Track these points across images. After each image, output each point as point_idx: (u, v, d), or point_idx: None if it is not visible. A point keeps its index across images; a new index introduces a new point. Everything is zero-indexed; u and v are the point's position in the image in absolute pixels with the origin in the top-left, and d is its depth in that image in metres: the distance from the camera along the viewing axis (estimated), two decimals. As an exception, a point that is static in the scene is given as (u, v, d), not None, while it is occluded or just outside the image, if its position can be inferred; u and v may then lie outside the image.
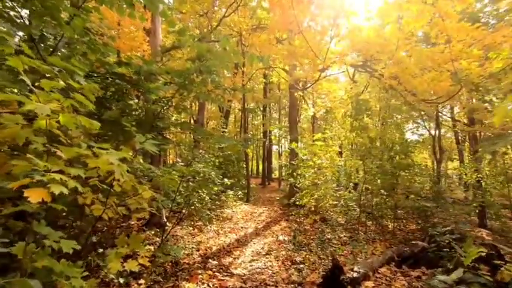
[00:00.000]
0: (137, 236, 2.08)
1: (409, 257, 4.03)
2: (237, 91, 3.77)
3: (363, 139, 6.10)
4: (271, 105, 23.08)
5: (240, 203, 9.83)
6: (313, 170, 6.82)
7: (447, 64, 5.61)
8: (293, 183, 7.75)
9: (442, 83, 5.98)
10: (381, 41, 6.54)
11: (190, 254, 4.43)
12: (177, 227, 5.99)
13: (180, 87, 3.58)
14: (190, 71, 3.41)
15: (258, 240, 5.71)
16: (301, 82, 10.24)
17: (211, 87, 3.84)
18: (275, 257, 4.57)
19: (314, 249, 5.05)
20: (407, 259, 4.05)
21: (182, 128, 3.83)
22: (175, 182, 3.43)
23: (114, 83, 3.17)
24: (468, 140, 14.99)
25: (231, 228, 6.55)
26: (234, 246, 5.17)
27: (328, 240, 5.67)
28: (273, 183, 21.50)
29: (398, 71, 6.42)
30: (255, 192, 13.85)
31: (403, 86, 7.20)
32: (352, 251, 5.14)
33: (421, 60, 5.58)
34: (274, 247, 5.18)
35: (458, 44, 5.08)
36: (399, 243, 5.97)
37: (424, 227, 6.92)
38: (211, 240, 5.38)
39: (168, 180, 2.90)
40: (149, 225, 6.12)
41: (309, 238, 5.92)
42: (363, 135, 6.15)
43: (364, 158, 6.20)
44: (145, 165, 3.05)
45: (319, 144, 7.99)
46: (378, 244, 5.68)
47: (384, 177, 6.00)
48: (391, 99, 10.46)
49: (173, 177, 2.45)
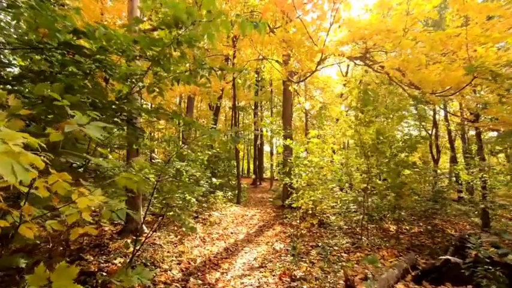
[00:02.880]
0: (68, 269, 1.33)
1: (430, 271, 3.42)
2: (225, 71, 3.04)
3: (370, 134, 5.46)
4: (263, 104, 22.45)
5: (230, 205, 9.10)
6: (310, 168, 6.16)
7: (461, 50, 5.06)
8: (288, 183, 7.08)
9: (453, 73, 5.43)
10: (385, 26, 5.95)
11: (169, 269, 3.69)
12: (156, 234, 5.22)
13: (153, 63, 2.83)
14: (166, 42, 2.68)
15: (250, 248, 5.01)
16: (296, 76, 9.60)
17: (193, 66, 3.11)
18: (270, 271, 3.87)
19: (315, 259, 4.38)
20: (427, 273, 3.43)
21: (157, 115, 3.08)
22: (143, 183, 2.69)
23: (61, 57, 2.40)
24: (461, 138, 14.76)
25: (219, 234, 5.82)
26: (222, 257, 4.44)
27: (329, 247, 5.02)
28: (265, 183, 20.90)
29: (403, 61, 5.84)
30: (246, 193, 13.13)
31: (407, 78, 6.64)
32: (358, 259, 4.51)
33: (433, 46, 5.00)
34: (269, 257, 4.48)
35: (476, 27, 4.52)
36: (406, 250, 5.39)
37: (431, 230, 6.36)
38: (195, 250, 4.64)
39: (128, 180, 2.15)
40: (124, 232, 5.32)
41: (308, 245, 5.26)
42: (370, 130, 5.52)
43: (370, 155, 5.58)
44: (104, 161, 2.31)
45: (315, 142, 7.36)
46: (385, 251, 5.07)
47: (392, 176, 5.39)
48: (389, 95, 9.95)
49: (133, 177, 1.74)
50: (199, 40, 2.82)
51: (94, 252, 4.27)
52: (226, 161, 11.84)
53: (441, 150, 14.64)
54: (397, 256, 4.88)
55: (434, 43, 4.90)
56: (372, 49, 7.50)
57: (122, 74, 2.59)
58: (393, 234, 6.49)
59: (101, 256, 4.10)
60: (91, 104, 2.36)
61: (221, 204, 8.74)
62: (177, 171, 3.49)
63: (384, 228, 7.04)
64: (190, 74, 3.17)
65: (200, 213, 7.37)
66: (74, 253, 4.17)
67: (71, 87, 2.14)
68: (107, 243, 4.56)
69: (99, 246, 4.49)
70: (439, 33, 5.00)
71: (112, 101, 2.53)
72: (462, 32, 4.59)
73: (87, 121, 1.56)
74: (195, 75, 3.19)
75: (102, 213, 1.72)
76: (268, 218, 7.94)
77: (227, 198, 9.75)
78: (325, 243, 5.32)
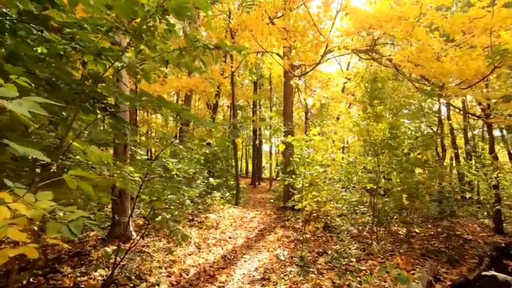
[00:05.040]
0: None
1: (462, 285, 2.94)
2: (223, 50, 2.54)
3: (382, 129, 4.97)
4: (262, 102, 21.98)
5: (228, 206, 8.59)
6: (315, 167, 5.66)
7: (481, 36, 4.58)
8: (290, 183, 6.58)
9: (472, 62, 4.96)
10: (396, 13, 5.46)
11: (156, 283, 3.18)
12: (146, 240, 4.71)
13: (134, 37, 2.33)
14: (148, 10, 2.18)
15: (251, 256, 4.50)
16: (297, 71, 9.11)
17: (183, 43, 2.61)
18: (274, 285, 3.36)
19: (324, 269, 3.88)
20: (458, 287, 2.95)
21: (141, 103, 2.57)
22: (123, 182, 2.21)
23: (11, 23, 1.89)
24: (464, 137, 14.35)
25: (217, 239, 5.31)
26: (219, 267, 3.93)
27: (338, 254, 4.53)
28: (264, 183, 20.43)
29: (417, 48, 5.36)
30: (245, 193, 12.62)
31: (418, 71, 6.17)
32: (371, 268, 4.03)
33: (452, 31, 4.52)
34: (271, 267, 3.98)
35: (503, 9, 4.05)
36: (421, 256, 4.92)
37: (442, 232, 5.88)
38: (189, 259, 4.13)
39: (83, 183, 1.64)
40: (110, 237, 4.79)
41: (314, 251, 4.77)
42: (379, 126, 5.03)
43: (380, 153, 5.09)
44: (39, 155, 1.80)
45: (318, 139, 6.87)
46: (399, 258, 4.59)
47: (406, 175, 4.91)
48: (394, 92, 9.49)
49: (86, 174, 1.26)
50: (189, 10, 2.32)
51: (73, 262, 3.75)
52: (224, 161, 11.34)
53: (446, 149, 14.19)
54: (413, 264, 4.40)
55: (455, 27, 4.42)
56: (380, 39, 7.04)
57: (92, 49, 2.07)
58: (403, 238, 6.01)
59: (80, 267, 3.59)
60: (49, 83, 1.85)
61: (219, 205, 8.23)
62: (164, 168, 3.00)
63: (392, 231, 6.57)
64: (180, 54, 2.67)
65: (196, 215, 6.86)
66: (49, 263, 3.66)
67: (14, 55, 1.63)
68: (89, 251, 4.04)
69: (80, 254, 3.97)
70: (460, 16, 4.52)
71: (78, 81, 2.02)
72: (487, 15, 4.11)
73: (15, 94, 1.05)
74: (186, 55, 2.69)
75: (47, 226, 1.22)
76: (268, 221, 7.44)
77: (225, 199, 9.24)
78: (332, 249, 4.83)
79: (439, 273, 3.90)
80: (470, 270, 4.34)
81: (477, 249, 5.82)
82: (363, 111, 5.24)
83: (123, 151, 4.81)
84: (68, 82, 1.96)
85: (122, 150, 4.79)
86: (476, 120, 13.54)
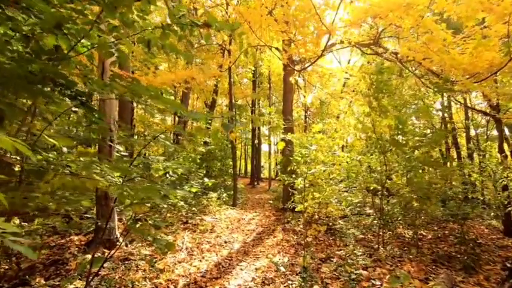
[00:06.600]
0: None
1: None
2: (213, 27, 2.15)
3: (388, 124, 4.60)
4: (261, 101, 21.61)
5: (225, 208, 8.20)
6: (318, 166, 5.28)
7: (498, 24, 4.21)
8: (290, 183, 6.20)
9: (486, 54, 4.60)
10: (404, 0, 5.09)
11: (139, 298, 2.79)
12: (133, 246, 4.31)
13: (106, 9, 1.94)
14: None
15: (247, 264, 4.10)
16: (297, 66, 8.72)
17: (168, 20, 2.22)
18: (273, 298, 2.99)
19: (329, 278, 3.50)
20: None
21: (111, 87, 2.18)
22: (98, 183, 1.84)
23: None
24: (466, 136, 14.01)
25: (211, 244, 4.91)
26: (212, 277, 3.54)
27: (343, 261, 4.14)
28: (263, 183, 20.06)
29: (427, 38, 5.00)
30: (243, 194, 12.24)
31: (425, 65, 5.80)
32: (380, 276, 3.65)
33: (468, 16, 4.14)
34: (270, 277, 3.59)
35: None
36: (433, 262, 4.54)
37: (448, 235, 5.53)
38: (179, 267, 3.73)
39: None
40: (94, 243, 4.38)
41: (317, 258, 4.38)
42: (385, 121, 4.65)
43: (388, 150, 4.72)
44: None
45: (320, 137, 6.50)
46: (409, 265, 4.21)
47: (416, 175, 4.53)
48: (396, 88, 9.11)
49: None
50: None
51: (48, 272, 3.35)
52: (222, 160, 10.96)
53: (450, 147, 13.85)
54: (426, 272, 4.02)
55: (471, 10, 4.05)
56: (386, 31, 6.66)
57: (48, 17, 1.68)
58: (410, 241, 5.64)
59: (55, 278, 3.19)
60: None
61: (215, 207, 7.85)
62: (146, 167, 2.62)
63: (397, 234, 6.20)
64: (163, 32, 2.28)
65: (191, 217, 6.47)
66: (20, 274, 3.26)
67: None
68: (68, 259, 3.64)
69: (57, 263, 3.57)
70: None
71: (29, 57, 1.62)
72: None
73: None
74: (170, 34, 2.30)
75: None
76: (267, 223, 7.05)
77: (222, 200, 8.86)
78: (337, 255, 4.45)
79: (456, 282, 3.53)
80: (487, 279, 3.98)
81: (489, 253, 5.47)
82: (368, 106, 4.84)
83: (108, 150, 4.41)
84: (6, 54, 1.56)
85: (107, 149, 4.39)
86: (481, 119, 13.21)
